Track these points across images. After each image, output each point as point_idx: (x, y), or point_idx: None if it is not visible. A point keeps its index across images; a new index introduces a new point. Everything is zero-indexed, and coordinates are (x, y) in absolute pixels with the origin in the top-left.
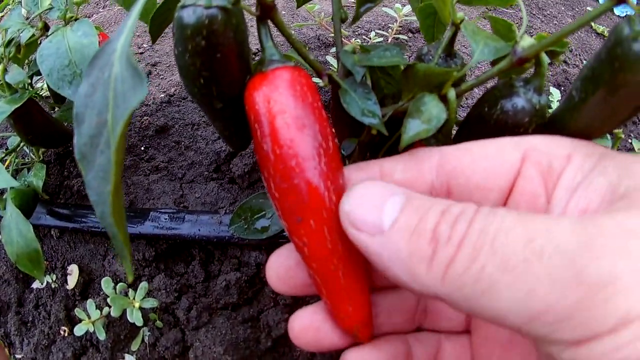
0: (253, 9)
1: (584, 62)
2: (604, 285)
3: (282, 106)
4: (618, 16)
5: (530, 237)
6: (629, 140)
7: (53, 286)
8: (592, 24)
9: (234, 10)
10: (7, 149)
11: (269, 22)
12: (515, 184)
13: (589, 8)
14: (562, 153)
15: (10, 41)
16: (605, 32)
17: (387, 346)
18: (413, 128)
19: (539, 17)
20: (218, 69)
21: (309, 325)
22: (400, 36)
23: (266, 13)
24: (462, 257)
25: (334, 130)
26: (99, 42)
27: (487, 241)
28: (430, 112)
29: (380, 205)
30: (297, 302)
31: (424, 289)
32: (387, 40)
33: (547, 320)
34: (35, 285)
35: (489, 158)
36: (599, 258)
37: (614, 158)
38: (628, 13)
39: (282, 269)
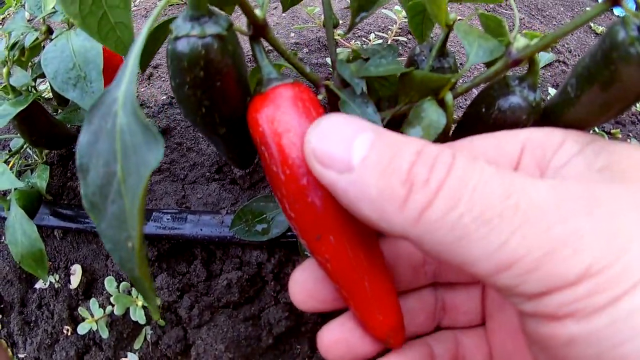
0: (244, 28)
1: None
2: (570, 242)
3: (286, 125)
4: (617, 16)
5: (507, 192)
6: (629, 140)
7: (56, 286)
8: (591, 24)
9: (228, 36)
10: (10, 151)
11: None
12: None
13: (588, 9)
14: (555, 141)
15: (14, 44)
16: (601, 31)
17: (411, 352)
18: (413, 135)
19: (538, 18)
20: (219, 96)
21: (338, 338)
22: (400, 38)
23: (259, 32)
24: (439, 204)
25: None
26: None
27: (467, 191)
28: (430, 119)
29: (350, 140)
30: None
31: (392, 230)
32: (387, 42)
33: (515, 272)
34: (38, 285)
35: (490, 150)
36: (567, 218)
37: (597, 142)
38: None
39: (310, 282)
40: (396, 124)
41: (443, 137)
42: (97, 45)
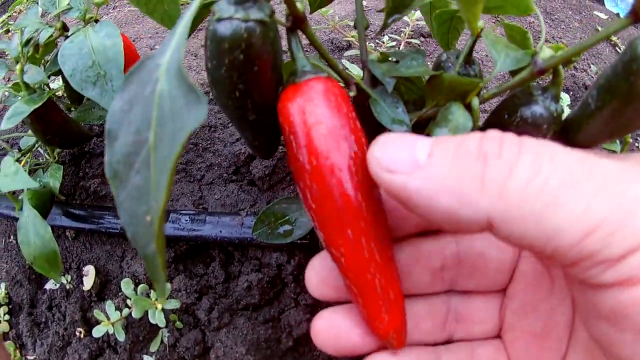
0: (283, 20)
1: (592, 67)
2: None
3: (317, 117)
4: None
5: (581, 160)
6: (636, 145)
7: (68, 287)
8: (599, 28)
9: (270, 22)
10: (19, 149)
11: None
12: None
13: (596, 12)
14: None
15: (28, 41)
16: (612, 38)
17: (412, 354)
18: (440, 135)
19: (547, 22)
20: (254, 82)
21: (329, 325)
22: (413, 40)
23: (297, 24)
24: (521, 171)
25: None
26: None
27: (545, 159)
28: (457, 121)
29: (411, 144)
30: (318, 302)
31: (478, 213)
32: (400, 44)
33: (600, 235)
34: (49, 286)
35: None
36: (637, 182)
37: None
38: (618, 6)
39: (326, 269)
40: (421, 127)
41: None
42: (118, 42)
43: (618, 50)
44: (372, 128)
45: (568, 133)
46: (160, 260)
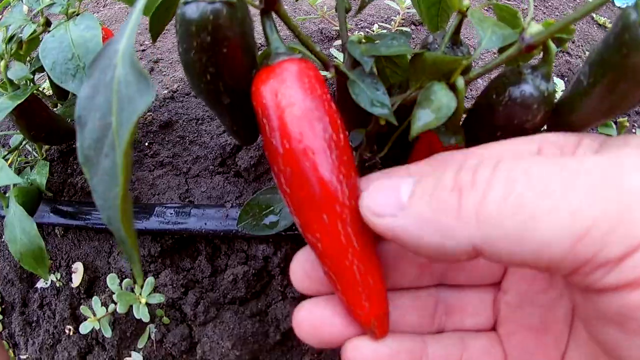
0: (256, 2)
1: (587, 53)
2: None
3: (290, 99)
4: (619, 8)
5: (562, 164)
6: (633, 130)
7: (58, 285)
8: (594, 15)
9: (238, 3)
10: (9, 148)
11: (273, 15)
12: None
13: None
14: (571, 141)
15: (11, 37)
16: (607, 24)
17: (395, 340)
18: (423, 118)
19: (541, 9)
20: (225, 64)
21: (311, 317)
22: (403, 29)
23: (270, 5)
24: (494, 193)
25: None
26: (103, 37)
27: (519, 173)
28: (440, 101)
29: (396, 187)
30: (305, 295)
31: (461, 243)
32: (391, 32)
33: (593, 237)
34: (40, 284)
35: (509, 153)
36: (631, 173)
37: (613, 139)
38: (628, 4)
39: (309, 262)
40: (406, 110)
41: (453, 127)
42: (97, 34)
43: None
44: (355, 113)
45: (561, 115)
46: (131, 241)
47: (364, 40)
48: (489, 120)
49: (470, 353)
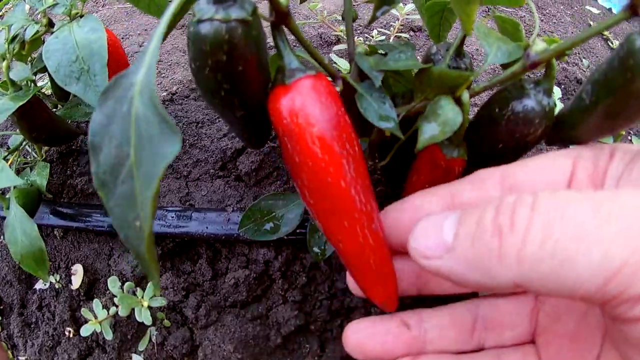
0: (267, 14)
1: (583, 60)
2: None
3: (309, 119)
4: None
5: (597, 205)
6: (629, 138)
7: (57, 287)
8: (590, 22)
9: (252, 21)
10: (8, 148)
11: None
12: (570, 187)
13: (587, 7)
14: (605, 154)
15: (14, 37)
16: (605, 33)
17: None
18: (429, 131)
19: (538, 16)
20: (240, 81)
21: (360, 336)
22: (402, 34)
23: (281, 19)
24: (533, 237)
25: None
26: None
27: (557, 217)
28: (447, 116)
29: (439, 229)
30: (306, 298)
31: (501, 282)
32: (390, 38)
33: (622, 277)
34: (39, 286)
35: (544, 169)
36: None
37: None
38: (613, 5)
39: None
40: (410, 121)
41: (456, 140)
42: (102, 37)
43: (610, 44)
44: (359, 120)
45: (561, 128)
46: (154, 266)
47: (367, 48)
48: (491, 133)
49: None
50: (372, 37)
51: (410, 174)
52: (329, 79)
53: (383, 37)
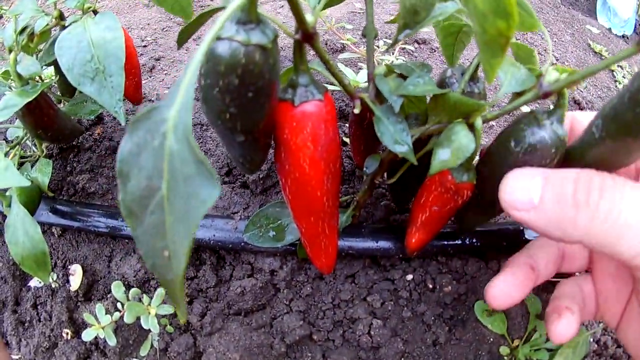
0: (293, 31)
1: (583, 82)
2: None
3: (307, 142)
4: (615, 35)
5: None
6: None
7: (53, 286)
8: (590, 42)
9: (272, 48)
10: (6, 140)
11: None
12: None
13: (588, 27)
14: None
15: (23, 29)
16: (603, 51)
17: (567, 287)
18: (442, 156)
19: (539, 34)
20: (247, 107)
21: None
22: (407, 46)
23: (307, 39)
24: (600, 214)
25: (354, 144)
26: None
27: (618, 196)
28: (460, 142)
29: (527, 189)
30: (310, 308)
31: (573, 239)
32: (394, 49)
33: None
34: (33, 283)
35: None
36: None
37: None
38: (626, 33)
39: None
40: (422, 143)
41: (467, 165)
42: (119, 36)
43: (611, 68)
44: (374, 138)
45: (572, 160)
46: (180, 295)
47: (386, 69)
48: (506, 164)
49: (584, 294)
50: (378, 47)
51: (418, 194)
52: (347, 95)
53: (385, 47)
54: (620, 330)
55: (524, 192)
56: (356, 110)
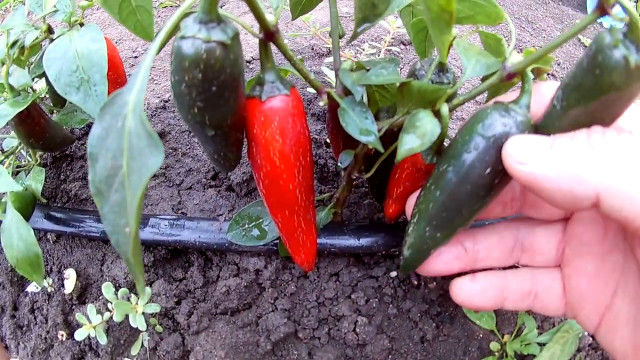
0: (256, 30)
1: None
2: None
3: (275, 136)
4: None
5: None
6: None
7: (49, 290)
8: (580, 37)
9: (232, 45)
10: (1, 149)
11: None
12: None
13: (578, 22)
14: None
15: (14, 43)
16: (586, 42)
17: (486, 277)
18: (408, 142)
19: (528, 31)
20: (212, 100)
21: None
22: (393, 48)
23: (269, 37)
24: (616, 154)
25: (333, 143)
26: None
27: (631, 145)
28: (425, 127)
29: (533, 141)
30: (295, 306)
31: (587, 190)
32: (380, 51)
33: None
34: (30, 289)
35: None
36: None
37: None
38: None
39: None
40: (393, 134)
41: (437, 144)
42: (102, 47)
43: (585, 45)
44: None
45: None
46: (139, 269)
47: (355, 66)
48: (473, 147)
49: (538, 288)
50: (364, 50)
51: (393, 171)
52: (314, 91)
53: (374, 50)
54: (601, 336)
55: (531, 144)
56: (321, 103)
